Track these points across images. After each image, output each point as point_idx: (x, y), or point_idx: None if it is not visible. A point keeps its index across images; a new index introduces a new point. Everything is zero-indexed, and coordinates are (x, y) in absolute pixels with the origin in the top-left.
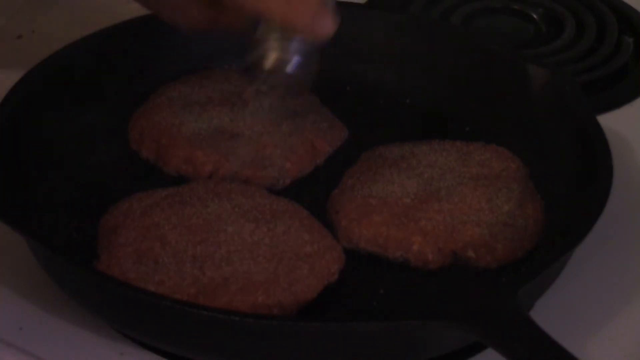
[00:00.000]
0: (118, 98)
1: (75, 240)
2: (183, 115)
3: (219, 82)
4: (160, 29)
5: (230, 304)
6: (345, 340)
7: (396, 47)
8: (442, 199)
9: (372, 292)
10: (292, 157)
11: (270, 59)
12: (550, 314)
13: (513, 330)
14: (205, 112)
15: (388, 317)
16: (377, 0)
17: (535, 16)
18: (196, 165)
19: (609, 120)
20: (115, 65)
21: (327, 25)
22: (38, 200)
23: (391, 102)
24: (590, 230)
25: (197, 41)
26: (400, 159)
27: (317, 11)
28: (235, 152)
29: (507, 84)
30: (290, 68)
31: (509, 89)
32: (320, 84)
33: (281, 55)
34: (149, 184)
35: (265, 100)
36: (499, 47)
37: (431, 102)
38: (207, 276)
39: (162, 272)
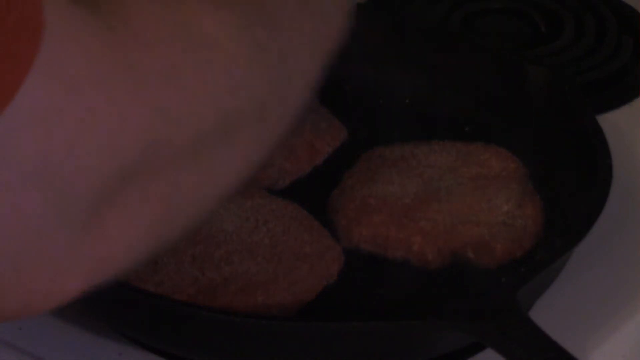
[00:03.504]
0: None
1: None
2: None
3: None
4: None
5: (230, 304)
6: (345, 340)
7: (396, 47)
8: (441, 199)
9: (372, 292)
10: (292, 157)
11: None
12: (549, 314)
13: (512, 330)
14: None
15: (388, 317)
16: (377, 0)
17: (535, 16)
18: None
19: (608, 120)
20: None
21: None
22: None
23: (391, 102)
24: (590, 230)
25: None
26: (400, 159)
27: None
28: None
29: (507, 84)
30: None
31: (509, 89)
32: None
33: None
34: None
35: None
36: (499, 47)
37: (431, 102)
38: (206, 276)
39: (162, 272)
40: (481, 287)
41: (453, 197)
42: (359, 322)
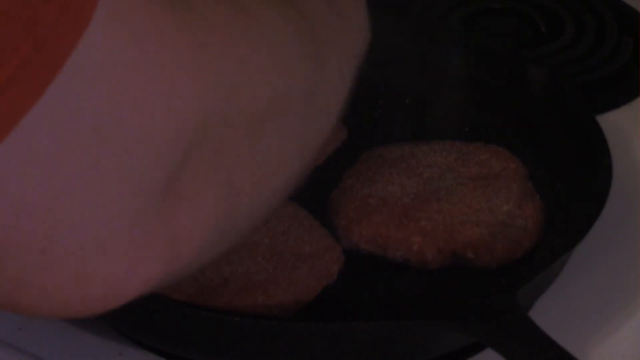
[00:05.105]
0: None
1: None
2: None
3: None
4: None
5: (230, 304)
6: (345, 340)
7: (396, 47)
8: (441, 199)
9: (372, 292)
10: None
11: None
12: (549, 314)
13: (512, 330)
14: None
15: (388, 317)
16: (377, 1)
17: (535, 16)
18: None
19: (608, 120)
20: None
21: None
22: None
23: (391, 102)
24: (590, 230)
25: None
26: (400, 159)
27: None
28: None
29: (507, 84)
30: None
31: (509, 89)
32: None
33: None
34: None
35: None
36: (499, 47)
37: (431, 102)
38: (206, 276)
39: None
40: (481, 287)
41: (453, 197)
42: (359, 322)
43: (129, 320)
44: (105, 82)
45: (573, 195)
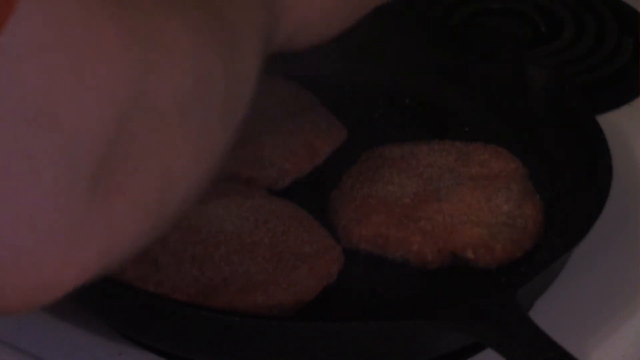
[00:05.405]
0: None
1: None
2: None
3: None
4: None
5: (230, 304)
6: (345, 340)
7: (395, 47)
8: (441, 199)
9: (372, 292)
10: (292, 157)
11: None
12: (550, 314)
13: (512, 330)
14: None
15: (388, 317)
16: None
17: (535, 16)
18: None
19: (608, 120)
20: None
21: None
22: None
23: (391, 102)
24: (590, 230)
25: None
26: (400, 159)
27: None
28: (234, 152)
29: (507, 84)
30: None
31: (509, 89)
32: (319, 84)
33: None
34: None
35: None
36: (499, 47)
37: (431, 103)
38: (206, 276)
39: (162, 272)
40: (481, 287)
41: (453, 197)
42: (359, 322)
43: (129, 320)
44: (31, 67)
45: (573, 195)
